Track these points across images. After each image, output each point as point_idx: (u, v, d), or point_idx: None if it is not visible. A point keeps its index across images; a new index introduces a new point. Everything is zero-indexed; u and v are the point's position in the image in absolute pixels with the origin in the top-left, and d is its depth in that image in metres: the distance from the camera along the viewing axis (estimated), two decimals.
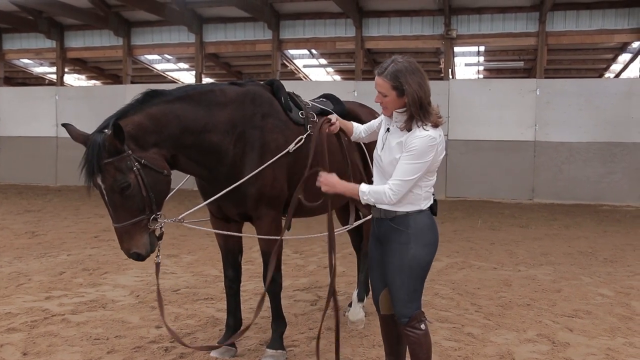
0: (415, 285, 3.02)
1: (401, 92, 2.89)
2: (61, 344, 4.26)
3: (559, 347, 4.32)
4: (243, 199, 3.71)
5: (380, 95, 2.97)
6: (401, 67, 2.89)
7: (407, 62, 2.91)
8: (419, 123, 2.90)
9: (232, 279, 4.10)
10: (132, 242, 3.29)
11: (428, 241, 3.01)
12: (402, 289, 2.99)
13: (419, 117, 2.89)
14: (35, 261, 6.97)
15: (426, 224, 3.01)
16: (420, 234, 2.98)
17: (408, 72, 2.87)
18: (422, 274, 3.03)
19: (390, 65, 2.91)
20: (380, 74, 2.93)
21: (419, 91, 2.87)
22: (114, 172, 3.19)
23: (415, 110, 2.88)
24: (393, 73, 2.88)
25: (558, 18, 14.10)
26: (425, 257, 3.01)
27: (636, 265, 7.14)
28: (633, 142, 13.15)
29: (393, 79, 2.88)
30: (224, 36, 16.41)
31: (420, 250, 2.98)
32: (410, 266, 2.97)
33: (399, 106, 2.96)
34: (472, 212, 11.74)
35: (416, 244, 2.97)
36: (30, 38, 18.01)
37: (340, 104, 4.57)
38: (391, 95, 2.92)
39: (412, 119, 2.91)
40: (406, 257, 2.96)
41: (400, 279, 2.98)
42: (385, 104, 2.99)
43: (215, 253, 7.52)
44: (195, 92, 3.62)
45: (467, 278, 6.40)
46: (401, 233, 2.98)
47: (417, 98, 2.86)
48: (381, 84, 2.93)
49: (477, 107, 13.83)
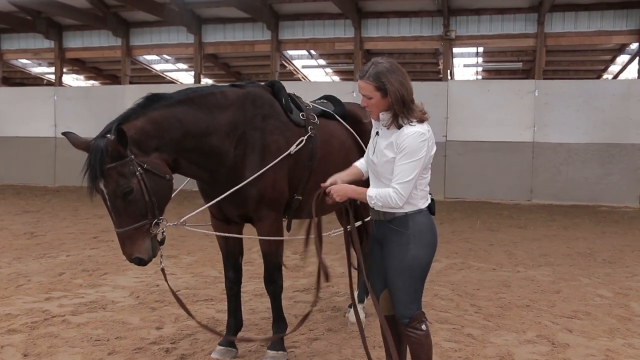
0: (416, 286, 3.04)
1: (385, 92, 2.93)
2: (62, 345, 4.26)
3: (559, 348, 4.33)
4: (244, 200, 3.71)
5: (365, 98, 3.01)
6: (382, 67, 2.94)
7: (388, 63, 2.96)
8: (404, 120, 2.94)
9: (233, 281, 4.10)
10: (135, 247, 3.29)
11: (427, 241, 3.03)
12: (402, 290, 3.01)
13: (403, 114, 2.93)
14: (34, 262, 6.97)
15: (425, 224, 3.03)
16: (419, 235, 3.00)
17: (389, 71, 2.93)
18: (422, 275, 3.05)
19: (371, 67, 2.96)
20: (362, 77, 2.97)
21: (401, 89, 2.92)
22: (116, 177, 3.19)
23: (398, 108, 2.93)
24: (375, 74, 2.93)
25: (557, 19, 14.12)
26: (425, 258, 3.03)
27: (635, 266, 7.16)
28: (631, 144, 13.17)
29: (375, 80, 2.93)
30: (223, 37, 16.41)
31: (420, 250, 3.00)
32: (411, 267, 2.99)
33: (384, 107, 3.00)
34: (470, 213, 11.76)
35: (416, 244, 2.99)
36: (28, 38, 17.98)
37: (341, 105, 4.58)
38: (376, 96, 2.96)
39: (396, 117, 2.95)
40: (406, 258, 2.98)
41: (401, 280, 3.00)
42: (370, 107, 3.02)
43: (215, 254, 7.53)
44: (196, 95, 3.62)
45: (466, 279, 6.41)
46: (401, 234, 3.00)
47: (399, 96, 2.92)
48: (364, 87, 2.97)
49: (475, 108, 13.83)
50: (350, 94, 13.90)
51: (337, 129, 4.33)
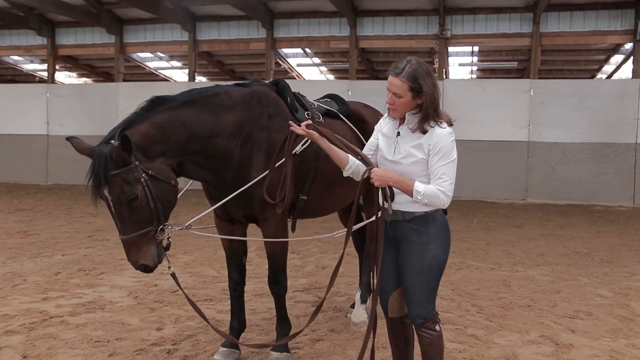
0: (433, 285, 3.02)
1: (417, 93, 2.88)
2: (61, 346, 4.20)
3: (563, 348, 4.32)
4: (249, 201, 3.66)
5: (393, 96, 2.93)
6: (417, 68, 2.89)
7: (422, 64, 2.92)
8: (431, 123, 2.91)
9: (237, 281, 4.05)
10: (140, 253, 3.24)
11: (445, 240, 3.03)
12: (420, 290, 2.98)
13: (433, 117, 2.91)
14: (29, 261, 6.88)
15: (443, 223, 3.03)
16: (438, 234, 2.99)
17: (426, 74, 2.89)
18: (440, 274, 3.04)
19: (407, 66, 2.89)
20: (398, 75, 2.89)
21: (435, 92, 2.90)
22: (121, 183, 3.13)
23: (431, 112, 2.90)
24: (411, 74, 2.87)
25: (552, 19, 14.15)
26: (443, 257, 3.03)
27: (632, 265, 7.18)
28: (625, 143, 13.23)
29: (412, 80, 2.87)
30: (217, 34, 16.29)
31: (439, 250, 3.00)
32: (430, 266, 2.97)
33: (410, 108, 2.94)
34: (466, 212, 11.76)
35: (435, 243, 2.98)
36: (20, 35, 17.77)
37: (345, 104, 4.54)
38: (407, 96, 2.90)
39: (425, 119, 2.92)
40: (426, 258, 2.96)
41: (420, 280, 2.97)
42: (396, 106, 2.95)
43: (212, 253, 7.48)
44: (200, 96, 3.56)
45: (466, 279, 6.39)
46: (421, 233, 2.97)
47: (433, 99, 2.89)
48: (398, 85, 2.89)
49: (471, 107, 13.83)
50: (345, 92, 13.87)
51: (341, 128, 4.28)
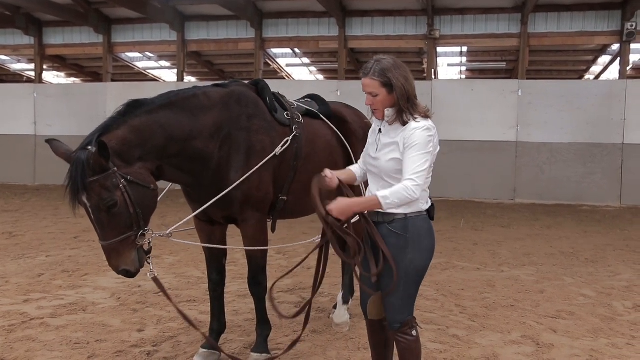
0: (411, 291, 2.97)
1: (390, 88, 2.89)
2: (40, 348, 4.16)
3: (544, 348, 4.33)
4: (229, 202, 3.64)
5: (369, 96, 2.94)
6: (386, 63, 2.90)
7: (391, 59, 2.94)
8: (408, 116, 2.90)
9: (217, 282, 4.03)
10: (121, 259, 3.21)
11: (426, 246, 2.97)
12: (397, 295, 2.94)
13: (408, 110, 2.90)
14: (12, 263, 6.82)
15: (424, 228, 2.97)
16: (417, 239, 2.93)
17: (394, 67, 2.90)
18: (418, 280, 2.98)
19: (375, 64, 2.91)
20: (367, 74, 2.92)
21: (406, 84, 2.90)
22: (99, 190, 3.08)
23: (404, 104, 2.89)
24: (380, 70, 2.89)
25: (540, 20, 14.22)
26: (422, 263, 2.96)
27: (616, 265, 7.22)
28: (612, 143, 13.32)
29: (381, 76, 2.88)
30: (206, 34, 16.25)
31: (417, 255, 2.93)
32: (407, 272, 2.92)
33: (389, 104, 2.94)
34: (454, 212, 11.78)
35: (414, 248, 2.92)
36: (7, 34, 17.64)
37: (326, 104, 4.52)
38: (382, 93, 2.91)
39: (401, 112, 2.92)
40: (403, 262, 2.91)
41: (396, 285, 2.93)
42: (376, 105, 2.96)
43: (198, 254, 7.44)
44: (178, 98, 3.53)
45: (451, 279, 6.40)
46: (399, 237, 2.93)
47: (405, 91, 2.89)
48: (370, 84, 2.91)
49: (459, 107, 13.87)
50: (334, 92, 13.87)
51: (321, 129, 4.28)
